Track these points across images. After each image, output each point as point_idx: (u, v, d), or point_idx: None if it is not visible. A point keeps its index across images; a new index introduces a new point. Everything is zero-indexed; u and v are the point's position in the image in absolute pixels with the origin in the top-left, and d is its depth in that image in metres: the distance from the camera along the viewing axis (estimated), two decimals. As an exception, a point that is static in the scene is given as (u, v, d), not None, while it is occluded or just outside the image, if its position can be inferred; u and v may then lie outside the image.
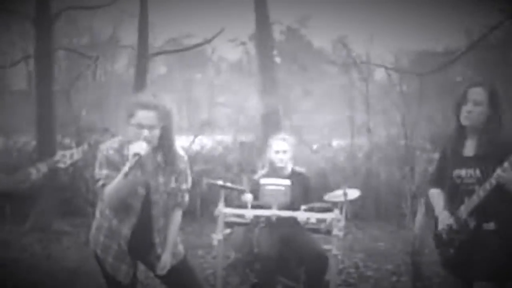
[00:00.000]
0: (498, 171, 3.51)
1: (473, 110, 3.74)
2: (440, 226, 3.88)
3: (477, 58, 15.43)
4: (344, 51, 16.18)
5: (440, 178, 4.01)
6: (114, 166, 3.60)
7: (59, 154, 3.95)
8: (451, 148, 3.91)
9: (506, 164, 3.48)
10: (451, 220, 3.81)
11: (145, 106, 3.58)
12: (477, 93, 3.74)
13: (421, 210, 6.64)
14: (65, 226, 9.76)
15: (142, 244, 3.74)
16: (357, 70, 14.51)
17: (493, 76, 13.47)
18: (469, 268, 3.72)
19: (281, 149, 5.69)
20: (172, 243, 3.83)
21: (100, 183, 3.58)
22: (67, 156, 3.95)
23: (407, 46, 18.26)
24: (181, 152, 3.83)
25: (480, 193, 3.64)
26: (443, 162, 4.01)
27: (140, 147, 3.48)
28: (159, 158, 3.70)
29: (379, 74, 16.83)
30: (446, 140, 4.01)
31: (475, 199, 3.67)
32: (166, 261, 3.78)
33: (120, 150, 3.64)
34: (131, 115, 3.60)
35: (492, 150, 3.67)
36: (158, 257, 3.79)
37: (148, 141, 3.54)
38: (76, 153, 3.97)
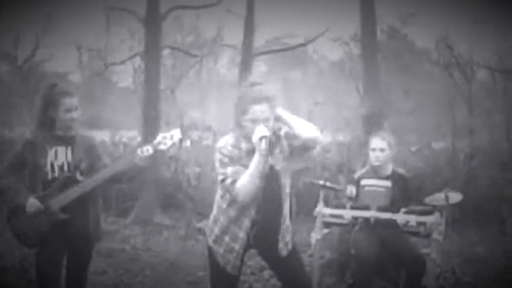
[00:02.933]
0: None
1: None
2: None
3: None
4: (447, 50, 15.86)
5: None
6: (236, 161, 3.70)
7: (160, 136, 4.09)
8: None
9: None
10: None
11: (258, 100, 3.65)
12: None
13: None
14: (165, 219, 10.06)
15: (266, 232, 3.82)
16: (460, 70, 14.23)
17: None
18: None
19: (378, 147, 5.55)
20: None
21: (229, 180, 3.65)
22: (168, 137, 4.08)
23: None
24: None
25: None
26: None
27: (264, 130, 3.56)
28: (277, 143, 3.76)
29: (482, 75, 16.41)
30: None
31: None
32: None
33: (237, 145, 3.74)
34: (244, 111, 3.67)
35: None
36: (286, 244, 3.91)
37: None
38: (176, 134, 4.09)
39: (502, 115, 12.43)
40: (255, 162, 3.59)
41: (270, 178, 3.74)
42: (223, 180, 3.71)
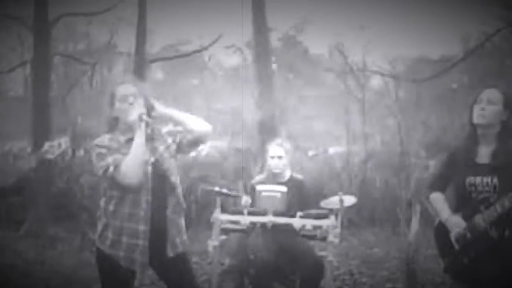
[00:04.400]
0: None
1: (487, 108, 3.64)
2: (454, 232, 3.71)
3: (473, 65, 15.47)
4: (340, 58, 16.21)
5: (442, 183, 3.93)
6: (114, 151, 3.65)
7: (47, 145, 3.94)
8: (463, 155, 3.77)
9: None
10: (464, 226, 3.67)
11: (122, 82, 3.83)
12: (492, 93, 3.67)
13: (416, 217, 6.66)
14: (59, 231, 9.75)
15: (153, 230, 3.73)
16: (354, 77, 14.56)
17: (489, 84, 13.51)
18: (482, 278, 3.63)
19: (276, 154, 5.67)
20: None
21: (111, 168, 3.59)
22: (55, 146, 3.93)
23: (403, 53, 18.26)
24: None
25: (506, 203, 3.50)
26: (448, 168, 3.89)
27: (138, 109, 3.63)
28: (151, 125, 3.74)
29: (376, 81, 16.87)
30: (455, 146, 3.91)
31: (497, 210, 3.54)
32: None
33: (114, 138, 3.73)
34: (112, 94, 3.76)
35: (507, 158, 3.59)
36: (175, 245, 3.82)
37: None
38: (63, 143, 3.95)
39: (394, 120, 12.79)
40: (137, 141, 3.59)
41: (155, 172, 3.71)
42: (105, 171, 3.61)
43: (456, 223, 3.71)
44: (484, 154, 3.71)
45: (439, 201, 3.92)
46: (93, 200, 10.03)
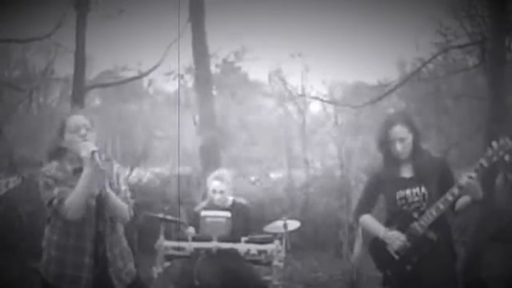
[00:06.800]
0: (465, 179, 3.68)
1: (401, 147, 3.98)
2: (395, 245, 3.95)
3: (410, 91, 15.82)
4: (280, 83, 16.34)
5: (368, 204, 4.22)
6: (62, 183, 3.62)
7: None
8: (387, 175, 4.07)
9: (473, 174, 3.68)
10: (403, 238, 3.92)
11: (76, 112, 3.87)
12: (398, 132, 3.98)
13: (358, 241, 6.70)
14: (-3, 261, 9.49)
15: (98, 260, 3.71)
16: (293, 102, 14.69)
17: (425, 107, 13.86)
18: (426, 281, 3.88)
19: (218, 189, 5.74)
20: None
21: (56, 200, 3.56)
22: (3, 184, 3.86)
23: (341, 79, 18.52)
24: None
25: (440, 206, 3.80)
26: (375, 189, 4.19)
27: (91, 145, 3.59)
28: (102, 165, 3.66)
29: (315, 107, 17.05)
30: (377, 168, 4.19)
31: (433, 214, 3.83)
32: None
33: (62, 167, 3.69)
34: (63, 124, 3.74)
35: (427, 169, 3.94)
36: (116, 271, 3.76)
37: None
38: (12, 182, 3.88)
39: (334, 145, 12.95)
40: (84, 176, 3.55)
41: (99, 205, 3.71)
42: (50, 202, 3.59)
43: (395, 237, 3.96)
44: (406, 169, 4.04)
45: (370, 222, 4.18)
46: (33, 228, 9.81)
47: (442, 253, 3.92)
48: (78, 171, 3.62)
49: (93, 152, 3.54)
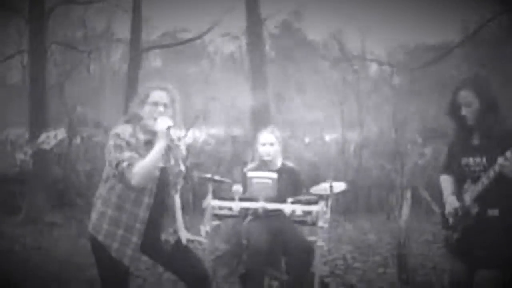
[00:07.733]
0: (500, 160, 3.61)
1: (468, 112, 3.90)
2: (447, 210, 4.00)
3: (472, 52, 15.47)
4: (337, 45, 16.23)
5: (450, 165, 4.14)
6: (133, 148, 3.73)
7: (43, 136, 4.00)
8: (460, 137, 4.05)
9: (508, 154, 3.58)
10: (457, 205, 3.93)
11: (158, 87, 3.92)
12: (465, 96, 3.90)
13: (407, 203, 6.74)
14: (56, 218, 9.85)
15: (152, 226, 3.85)
16: (350, 65, 14.58)
17: (487, 71, 13.50)
18: (470, 255, 3.86)
19: (267, 141, 5.67)
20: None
21: (125, 164, 3.65)
22: (51, 136, 4.00)
23: (401, 41, 18.23)
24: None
25: (484, 180, 3.75)
26: (453, 150, 4.13)
27: (167, 121, 3.71)
28: (177, 141, 3.82)
29: (372, 69, 16.89)
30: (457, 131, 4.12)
31: (478, 186, 3.79)
32: (184, 235, 4.06)
33: (134, 134, 3.79)
34: (146, 95, 3.88)
35: (495, 139, 3.80)
36: (173, 234, 3.96)
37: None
38: (59, 133, 4.01)
39: (390, 107, 12.84)
40: (158, 149, 3.67)
41: (161, 178, 3.85)
42: (118, 164, 3.68)
43: (451, 202, 3.98)
44: (476, 136, 3.96)
45: (444, 182, 4.16)
46: (90, 187, 10.14)
47: (491, 231, 3.78)
48: (148, 143, 3.74)
49: (168, 128, 3.67)
